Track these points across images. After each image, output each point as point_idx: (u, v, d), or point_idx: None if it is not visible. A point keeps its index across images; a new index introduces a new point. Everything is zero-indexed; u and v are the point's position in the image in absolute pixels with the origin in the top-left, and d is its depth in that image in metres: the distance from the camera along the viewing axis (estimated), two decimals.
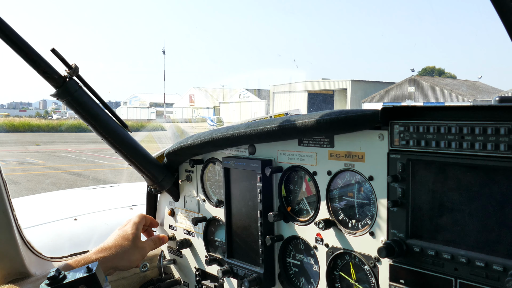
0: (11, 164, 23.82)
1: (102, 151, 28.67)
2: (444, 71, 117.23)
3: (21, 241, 2.48)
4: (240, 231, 2.55)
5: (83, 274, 2.02)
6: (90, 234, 3.27)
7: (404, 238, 1.86)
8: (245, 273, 2.49)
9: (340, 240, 2.14)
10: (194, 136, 2.67)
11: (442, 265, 1.75)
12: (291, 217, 2.37)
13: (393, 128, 1.86)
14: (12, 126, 51.99)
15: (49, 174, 21.29)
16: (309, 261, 2.35)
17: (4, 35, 2.06)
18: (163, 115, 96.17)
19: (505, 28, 1.43)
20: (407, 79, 64.09)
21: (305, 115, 2.11)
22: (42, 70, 2.20)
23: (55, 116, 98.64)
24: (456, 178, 1.71)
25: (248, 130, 2.31)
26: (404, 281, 1.89)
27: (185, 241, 2.99)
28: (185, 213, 3.00)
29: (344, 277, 2.18)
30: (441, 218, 1.76)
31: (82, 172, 22.13)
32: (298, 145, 2.28)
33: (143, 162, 2.71)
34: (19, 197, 4.53)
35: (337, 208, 2.16)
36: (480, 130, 1.60)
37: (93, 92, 2.40)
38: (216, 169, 2.78)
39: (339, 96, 70.72)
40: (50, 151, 31.83)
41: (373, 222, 1.99)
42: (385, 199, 1.92)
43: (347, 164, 2.08)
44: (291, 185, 2.38)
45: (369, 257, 2.02)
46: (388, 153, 1.89)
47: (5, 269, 2.41)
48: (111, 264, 2.54)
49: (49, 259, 2.70)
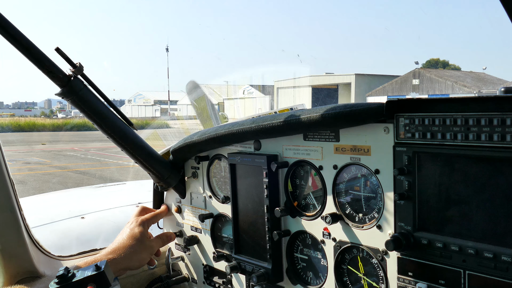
0: (18, 163, 23.92)
1: (108, 149, 28.74)
2: (449, 63, 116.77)
3: (29, 240, 2.50)
4: (247, 227, 2.55)
5: (92, 272, 2.04)
6: (98, 232, 3.29)
7: (412, 230, 1.86)
8: (253, 268, 2.49)
9: (348, 234, 2.14)
10: (199, 132, 2.67)
11: (450, 257, 1.75)
12: (298, 212, 2.37)
13: (398, 121, 1.85)
14: (18, 126, 52.15)
15: (56, 173, 21.38)
16: (317, 256, 2.35)
17: (9, 34, 2.07)
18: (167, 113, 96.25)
19: (509, 18, 1.42)
20: (411, 72, 63.85)
21: (310, 110, 2.11)
22: (46, 70, 2.21)
23: (60, 115, 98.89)
24: (462, 170, 1.71)
25: (253, 126, 2.31)
26: (412, 274, 1.89)
27: (193, 237, 2.99)
28: (192, 210, 3.00)
29: (352, 271, 2.18)
30: (448, 210, 1.76)
31: (88, 170, 22.19)
32: (304, 140, 2.28)
33: (149, 160, 2.72)
34: (26, 196, 4.55)
35: (343, 202, 2.16)
36: (486, 121, 1.59)
37: (98, 91, 2.41)
38: (222, 165, 2.79)
39: (343, 91, 70.50)
40: (56, 150, 31.95)
41: (380, 215, 1.99)
42: (391, 192, 1.92)
43: (353, 158, 2.08)
44: (297, 180, 2.38)
45: (377, 251, 2.02)
46: (394, 146, 1.89)
47: (15, 268, 2.43)
48: (121, 265, 2.55)
49: (57, 257, 2.72)
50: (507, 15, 1.42)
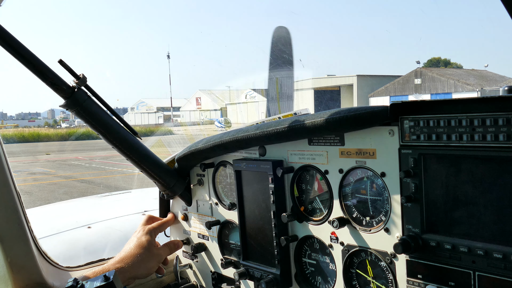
0: (23, 174, 23.98)
1: (112, 157, 28.78)
2: (450, 61, 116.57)
3: (37, 252, 2.50)
4: (254, 233, 2.55)
5: (101, 283, 2.04)
6: (104, 241, 3.29)
7: (420, 233, 1.85)
8: (261, 274, 2.49)
9: (355, 238, 2.14)
10: (204, 140, 2.68)
11: (460, 259, 1.74)
12: (305, 217, 2.36)
13: (403, 124, 1.85)
14: (22, 137, 52.29)
15: (61, 183, 21.42)
16: (325, 260, 2.35)
17: (12, 49, 2.08)
18: (170, 119, 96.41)
19: (510, 15, 1.41)
20: (413, 72, 63.80)
21: (314, 115, 2.11)
22: (50, 82, 2.22)
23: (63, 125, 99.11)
24: (469, 171, 1.70)
25: (257, 132, 2.31)
26: (421, 276, 1.88)
27: (200, 245, 2.99)
28: (199, 217, 3.00)
29: (361, 275, 2.17)
30: (456, 212, 1.76)
31: (93, 179, 22.23)
32: (309, 145, 2.28)
33: (154, 168, 2.72)
34: (32, 207, 4.55)
35: (350, 206, 2.16)
36: (491, 121, 1.59)
37: (102, 101, 2.41)
38: (227, 172, 2.79)
39: (346, 92, 70.48)
40: (60, 160, 32.03)
41: (388, 218, 1.99)
42: (398, 195, 1.92)
43: (359, 162, 2.08)
44: (303, 185, 2.37)
45: (385, 254, 2.02)
46: (399, 148, 1.88)
47: (23, 281, 2.43)
48: (129, 274, 2.55)
49: (65, 268, 2.72)
50: (507, 12, 1.42)
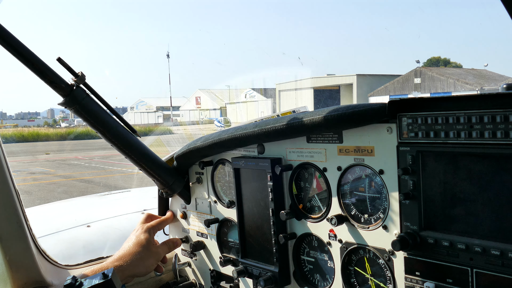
0: (22, 174, 23.97)
1: (112, 157, 28.78)
2: (450, 60, 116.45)
3: (36, 251, 2.50)
4: (253, 231, 2.55)
5: (99, 281, 2.04)
6: (104, 240, 3.29)
7: (418, 230, 1.85)
8: (260, 272, 2.49)
9: (354, 235, 2.14)
10: (202, 138, 2.68)
11: (457, 256, 1.74)
12: (303, 215, 2.37)
13: (401, 121, 1.85)
14: (21, 137, 52.30)
15: (60, 182, 21.40)
16: (324, 258, 2.35)
17: (10, 46, 2.08)
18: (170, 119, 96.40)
19: (509, 14, 1.42)
20: (413, 71, 63.72)
21: (312, 112, 2.11)
22: (49, 80, 2.22)
23: (63, 124, 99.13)
24: (467, 168, 1.70)
25: (256, 130, 2.31)
26: (419, 273, 1.88)
27: (199, 243, 3.00)
28: (197, 215, 3.01)
29: (359, 272, 2.17)
30: (454, 209, 1.76)
31: (93, 179, 22.22)
32: (307, 142, 2.28)
33: (153, 167, 2.72)
34: (32, 206, 4.55)
35: (349, 203, 2.16)
36: (489, 118, 1.59)
37: (101, 99, 2.41)
38: (226, 170, 2.79)
39: (345, 91, 70.44)
40: (60, 159, 32.00)
41: (386, 215, 1.99)
42: (396, 192, 1.92)
43: (357, 159, 2.08)
44: (302, 183, 2.38)
45: (383, 251, 2.02)
46: (397, 146, 1.89)
47: (22, 279, 2.43)
48: (128, 272, 2.55)
49: (64, 267, 2.72)
50: (507, 11, 1.42)
